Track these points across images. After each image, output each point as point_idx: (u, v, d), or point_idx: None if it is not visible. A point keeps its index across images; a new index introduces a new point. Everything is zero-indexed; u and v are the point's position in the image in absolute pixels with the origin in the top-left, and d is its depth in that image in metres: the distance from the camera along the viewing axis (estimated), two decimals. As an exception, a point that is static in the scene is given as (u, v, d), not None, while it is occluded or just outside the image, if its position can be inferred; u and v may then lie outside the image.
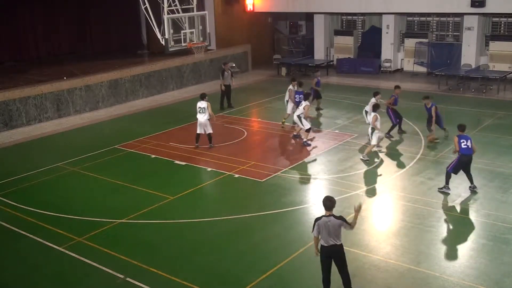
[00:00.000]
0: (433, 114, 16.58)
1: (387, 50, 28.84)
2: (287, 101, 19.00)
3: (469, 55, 26.40)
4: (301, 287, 9.36)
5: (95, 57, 28.00)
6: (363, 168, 14.78)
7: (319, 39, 31.29)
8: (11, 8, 26.54)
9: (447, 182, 12.88)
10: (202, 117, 16.47)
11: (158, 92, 25.39)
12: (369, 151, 15.39)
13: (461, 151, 12.60)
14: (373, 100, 16.76)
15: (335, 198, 8.73)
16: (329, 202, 8.51)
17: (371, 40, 29.84)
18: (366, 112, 17.23)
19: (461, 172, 14.22)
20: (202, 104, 16.50)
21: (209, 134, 16.69)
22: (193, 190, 13.68)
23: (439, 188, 13.00)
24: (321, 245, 8.58)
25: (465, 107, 21.11)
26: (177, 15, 25.13)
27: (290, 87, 18.90)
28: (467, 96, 23.17)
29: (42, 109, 20.94)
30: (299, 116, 16.78)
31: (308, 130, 16.81)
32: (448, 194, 12.74)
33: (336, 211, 12.20)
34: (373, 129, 15.34)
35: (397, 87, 17.90)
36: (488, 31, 26.71)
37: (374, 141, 15.38)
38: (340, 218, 8.52)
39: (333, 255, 8.62)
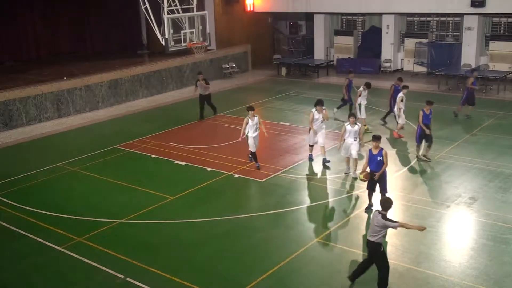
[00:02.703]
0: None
1: (387, 50, 28.84)
2: (359, 105, 18.51)
3: (469, 55, 26.40)
4: (301, 287, 9.35)
5: (95, 57, 28.00)
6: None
7: (319, 39, 31.29)
8: (11, 8, 26.54)
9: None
10: (253, 133, 14.76)
11: (158, 92, 25.39)
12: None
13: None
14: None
15: (335, 198, 8.73)
16: (386, 204, 8.72)
17: (371, 40, 29.84)
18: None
19: (461, 172, 14.25)
20: (255, 120, 14.78)
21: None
22: (193, 190, 13.68)
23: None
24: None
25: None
26: (177, 15, 25.09)
27: (361, 88, 18.48)
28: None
29: (42, 109, 20.94)
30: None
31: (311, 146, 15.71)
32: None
33: (336, 210, 12.24)
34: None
35: (402, 81, 18.37)
36: (488, 31, 26.71)
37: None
38: (385, 218, 8.59)
39: (368, 250, 8.88)
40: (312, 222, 11.77)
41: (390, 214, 12.13)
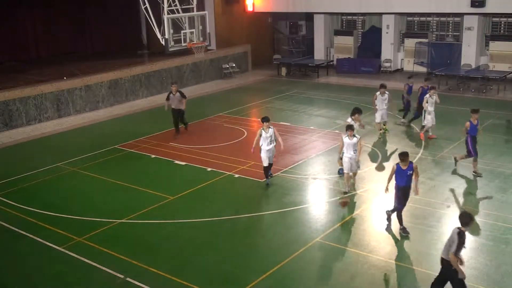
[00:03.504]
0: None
1: (387, 50, 28.85)
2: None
3: (469, 55, 26.40)
4: (301, 287, 9.35)
5: (95, 57, 28.00)
6: (363, 168, 14.76)
7: (319, 39, 31.29)
8: (11, 8, 26.54)
9: None
10: (268, 146, 13.59)
11: (158, 92, 25.38)
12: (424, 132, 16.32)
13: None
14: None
15: (335, 198, 8.71)
16: (462, 218, 8.27)
17: (371, 40, 29.84)
18: None
19: (461, 172, 14.24)
20: (269, 131, 13.53)
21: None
22: (193, 190, 13.67)
23: None
24: None
25: (465, 107, 21.05)
26: (177, 15, 25.11)
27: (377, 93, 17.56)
28: (467, 96, 23.17)
29: (42, 109, 20.94)
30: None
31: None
32: None
33: (336, 210, 12.23)
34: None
35: (426, 79, 18.17)
36: (488, 31, 26.71)
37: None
38: (460, 235, 8.10)
39: (442, 268, 8.35)
40: (312, 222, 11.77)
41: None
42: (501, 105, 21.16)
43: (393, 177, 10.93)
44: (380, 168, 14.91)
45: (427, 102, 16.63)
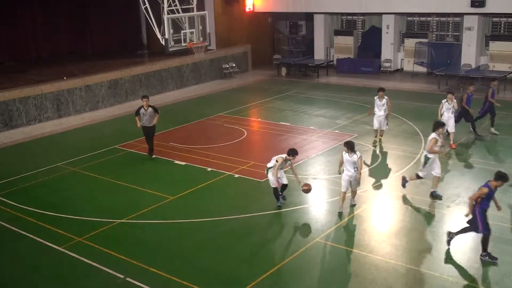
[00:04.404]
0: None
1: (387, 50, 28.85)
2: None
3: (469, 55, 26.41)
4: (301, 287, 9.35)
5: (95, 57, 28.01)
6: (363, 168, 14.76)
7: (319, 39, 31.30)
8: (11, 8, 26.54)
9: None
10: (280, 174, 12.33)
11: (158, 92, 25.39)
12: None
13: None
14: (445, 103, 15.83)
15: (335, 198, 8.71)
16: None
17: (371, 40, 29.85)
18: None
19: (461, 172, 14.25)
20: (283, 159, 12.10)
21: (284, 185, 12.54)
22: (193, 190, 13.67)
23: None
24: None
25: (465, 107, 21.09)
26: (177, 15, 25.11)
27: (377, 98, 16.50)
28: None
29: (42, 109, 20.94)
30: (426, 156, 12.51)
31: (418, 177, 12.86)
32: None
33: (335, 211, 12.22)
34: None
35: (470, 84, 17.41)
36: (488, 31, 26.72)
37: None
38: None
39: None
40: (312, 222, 11.77)
41: (391, 214, 12.14)
42: (501, 105, 21.12)
43: (477, 200, 9.76)
44: (380, 168, 14.91)
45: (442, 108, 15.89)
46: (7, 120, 19.88)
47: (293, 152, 12.04)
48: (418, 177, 12.73)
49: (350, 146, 11.68)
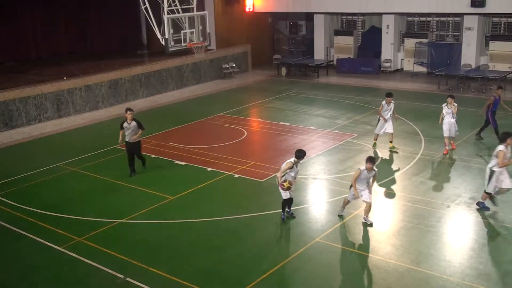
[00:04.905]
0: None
1: (387, 50, 28.85)
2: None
3: (469, 55, 26.41)
4: (301, 287, 9.35)
5: (95, 57, 28.01)
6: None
7: (319, 39, 31.30)
8: (11, 8, 26.55)
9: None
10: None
11: (158, 92, 25.40)
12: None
13: None
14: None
15: (335, 198, 8.70)
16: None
17: (371, 40, 29.85)
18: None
19: (461, 172, 14.25)
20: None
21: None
22: (193, 190, 13.67)
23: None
24: None
25: (465, 107, 21.08)
26: (177, 15, 25.14)
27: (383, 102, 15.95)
28: (467, 96, 23.16)
29: (42, 109, 20.94)
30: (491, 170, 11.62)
31: (489, 194, 11.80)
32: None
33: (335, 211, 12.23)
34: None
35: (499, 87, 16.68)
36: (488, 31, 26.72)
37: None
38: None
39: None
40: (312, 222, 11.77)
41: (391, 214, 12.14)
42: (501, 105, 21.12)
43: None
44: (380, 168, 14.89)
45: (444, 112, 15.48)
46: (7, 120, 19.89)
47: (300, 154, 11.26)
48: (489, 194, 11.72)
49: (373, 162, 11.00)
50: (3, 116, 19.79)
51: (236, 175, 14.55)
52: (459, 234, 11.09)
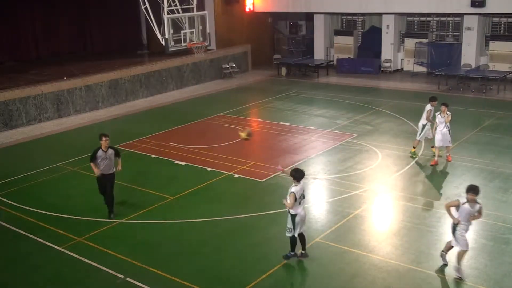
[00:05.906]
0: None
1: (387, 50, 28.84)
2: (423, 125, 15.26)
3: (469, 55, 26.41)
4: (301, 287, 9.35)
5: (95, 57, 28.01)
6: (363, 168, 14.78)
7: (319, 39, 31.29)
8: (11, 8, 26.55)
9: None
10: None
11: (158, 92, 25.39)
12: None
13: None
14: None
15: (335, 198, 8.68)
16: None
17: (371, 40, 29.84)
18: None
19: (461, 172, 14.25)
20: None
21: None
22: (193, 190, 13.67)
23: None
24: None
25: (465, 107, 21.10)
26: (177, 15, 25.12)
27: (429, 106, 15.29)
28: (467, 96, 23.17)
29: (42, 109, 20.94)
30: None
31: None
32: None
33: (335, 210, 12.24)
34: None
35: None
36: (488, 31, 26.72)
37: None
38: None
39: None
40: (312, 222, 11.76)
41: (391, 214, 12.15)
42: (501, 105, 21.16)
43: None
44: (380, 168, 14.90)
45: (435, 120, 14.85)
46: (7, 120, 19.89)
47: (298, 175, 9.90)
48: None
49: (477, 192, 9.00)
50: (3, 116, 19.79)
51: (236, 175, 14.55)
52: (459, 234, 11.08)
